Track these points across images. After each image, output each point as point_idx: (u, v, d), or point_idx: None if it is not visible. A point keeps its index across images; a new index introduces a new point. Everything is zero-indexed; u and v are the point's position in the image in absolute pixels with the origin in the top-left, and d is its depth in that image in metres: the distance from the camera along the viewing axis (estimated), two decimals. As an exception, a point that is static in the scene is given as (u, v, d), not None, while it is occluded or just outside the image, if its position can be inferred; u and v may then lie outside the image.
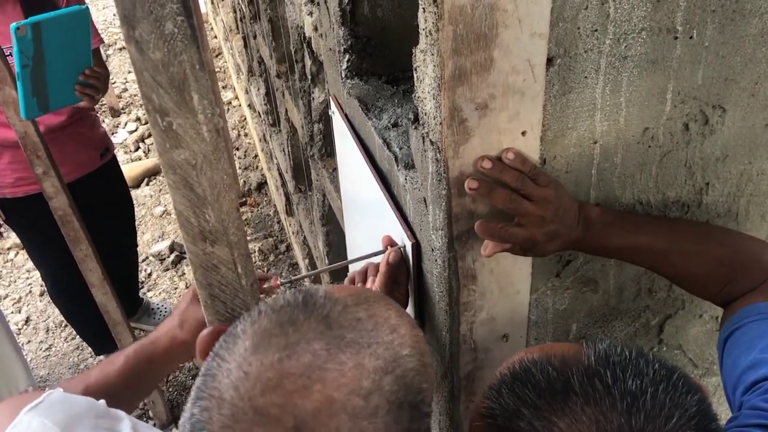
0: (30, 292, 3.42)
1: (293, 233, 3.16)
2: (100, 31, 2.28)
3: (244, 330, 0.62)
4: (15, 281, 3.50)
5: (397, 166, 1.02)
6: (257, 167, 4.15)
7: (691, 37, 0.84)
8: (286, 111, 2.41)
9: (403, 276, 1.03)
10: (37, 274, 3.25)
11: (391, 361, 0.60)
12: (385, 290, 0.98)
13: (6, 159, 2.18)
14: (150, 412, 2.67)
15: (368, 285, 1.01)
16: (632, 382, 0.56)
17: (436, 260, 0.94)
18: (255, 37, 2.91)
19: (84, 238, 2.07)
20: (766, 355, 0.78)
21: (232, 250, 0.77)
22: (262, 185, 4.00)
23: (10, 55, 1.95)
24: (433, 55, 0.76)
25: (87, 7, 1.80)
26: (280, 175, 3.09)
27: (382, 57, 1.25)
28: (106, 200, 2.43)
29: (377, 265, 1.02)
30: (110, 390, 0.97)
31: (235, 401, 0.57)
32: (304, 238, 2.75)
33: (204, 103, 0.66)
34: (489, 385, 0.64)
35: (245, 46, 3.45)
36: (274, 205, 3.77)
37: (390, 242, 1.03)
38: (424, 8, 0.75)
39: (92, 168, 2.37)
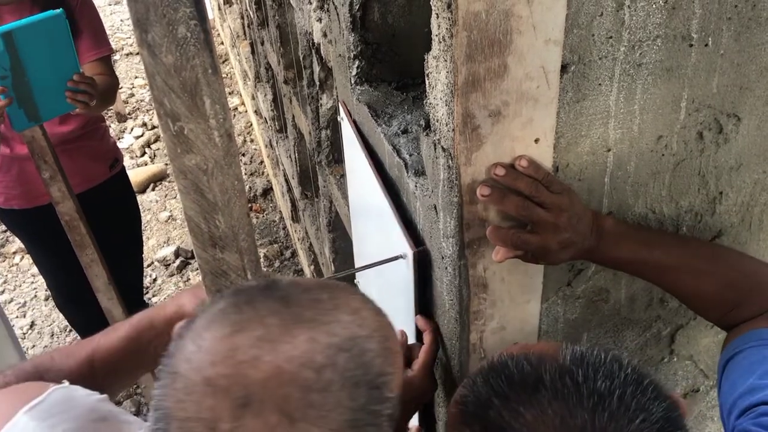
0: (35, 296, 3.41)
1: (299, 239, 3.16)
2: (107, 36, 2.26)
3: (203, 311, 0.63)
4: (20, 285, 3.50)
5: (407, 172, 1.01)
6: (263, 173, 4.15)
7: (706, 45, 0.83)
8: (293, 117, 2.40)
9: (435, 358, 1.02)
10: (42, 279, 3.25)
11: (348, 340, 0.60)
12: (429, 367, 0.98)
13: (15, 171, 2.17)
14: (142, 398, 2.69)
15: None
16: (602, 382, 0.58)
17: (446, 268, 0.93)
18: (263, 43, 2.91)
19: (90, 243, 2.07)
20: (763, 381, 0.78)
21: (242, 257, 0.76)
22: (267, 191, 4.00)
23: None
24: (446, 61, 0.75)
25: (62, 11, 1.72)
26: (286, 181, 3.09)
27: (391, 63, 1.24)
28: (113, 211, 2.41)
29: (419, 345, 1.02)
30: (113, 358, 0.98)
31: (187, 374, 0.58)
32: (310, 244, 2.74)
33: (216, 108, 0.66)
34: (468, 375, 0.67)
35: (252, 52, 3.45)
36: (280, 211, 3.77)
37: (423, 325, 1.02)
38: (437, 14, 0.75)
39: (101, 180, 2.34)
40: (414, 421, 1.20)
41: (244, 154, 4.34)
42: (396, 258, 1.03)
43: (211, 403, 0.56)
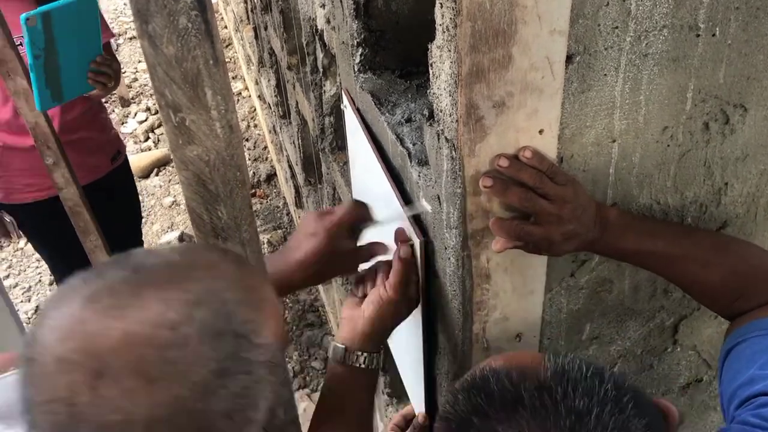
0: (40, 281, 3.43)
1: (302, 225, 3.15)
2: (109, 21, 2.26)
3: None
4: (25, 270, 3.51)
5: (411, 162, 1.01)
6: (267, 159, 4.15)
7: (713, 35, 0.82)
8: (297, 103, 2.39)
9: (414, 273, 1.02)
10: (46, 264, 3.26)
11: (204, 293, 0.61)
12: (400, 288, 0.97)
13: (16, 164, 2.16)
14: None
15: (378, 282, 1.00)
16: (580, 400, 0.58)
17: (449, 259, 0.92)
18: (266, 29, 2.89)
19: (94, 229, 2.07)
20: (764, 372, 0.78)
21: (244, 248, 0.76)
22: (271, 177, 3.99)
23: (21, 45, 1.94)
24: (449, 51, 0.74)
25: None
26: (290, 167, 3.09)
27: (395, 51, 1.23)
28: (114, 203, 2.40)
29: (388, 263, 1.01)
30: None
31: (39, 356, 0.58)
32: (314, 230, 2.74)
33: (217, 99, 0.65)
34: (451, 390, 0.66)
35: (256, 37, 3.44)
36: (284, 196, 3.77)
37: (404, 236, 1.02)
38: (441, 3, 0.74)
39: (102, 173, 2.34)
40: (421, 408, 1.21)
41: (247, 140, 4.33)
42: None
43: (66, 381, 0.56)
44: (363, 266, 1.08)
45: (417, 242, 0.98)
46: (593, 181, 0.90)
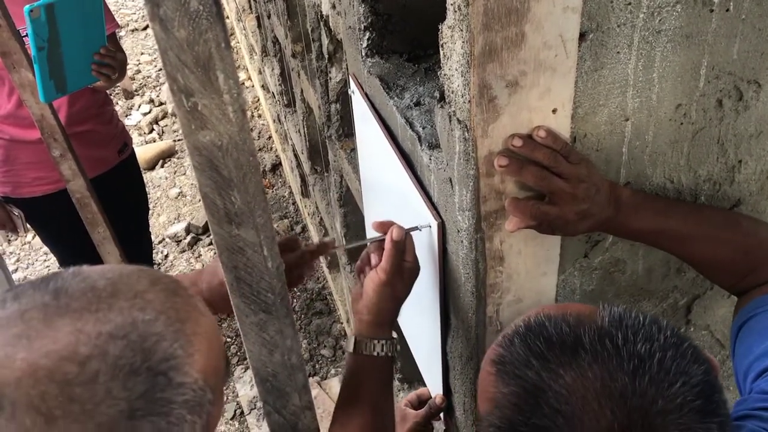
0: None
1: (309, 214, 3.16)
2: (112, 12, 2.24)
3: None
4: (33, 263, 3.52)
5: (421, 145, 1.00)
6: (271, 148, 4.14)
7: (727, 10, 0.81)
8: (302, 91, 2.38)
9: (411, 253, 1.01)
10: (54, 257, 3.27)
11: (123, 326, 0.57)
12: (392, 270, 0.97)
13: (24, 158, 2.15)
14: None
15: (373, 262, 1.00)
16: (642, 345, 0.58)
17: (462, 241, 0.92)
18: (269, 17, 2.88)
19: (102, 221, 2.07)
20: None
21: (258, 233, 0.75)
22: (276, 166, 3.99)
23: (26, 36, 1.94)
24: (462, 30, 0.74)
25: None
26: (295, 156, 3.08)
27: (403, 34, 1.22)
28: (121, 196, 2.39)
29: (380, 246, 1.00)
30: None
31: None
32: (321, 219, 2.74)
33: (230, 82, 0.65)
34: (503, 335, 0.65)
35: (259, 26, 3.42)
36: (289, 186, 3.76)
37: (384, 228, 1.00)
38: (452, -18, 0.73)
39: (110, 166, 2.33)
40: (438, 390, 1.21)
41: (252, 129, 4.33)
42: (416, 228, 1.02)
43: None
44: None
45: (434, 224, 0.98)
46: (606, 161, 0.89)
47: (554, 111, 0.79)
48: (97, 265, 0.66)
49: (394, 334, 1.01)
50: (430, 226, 1.00)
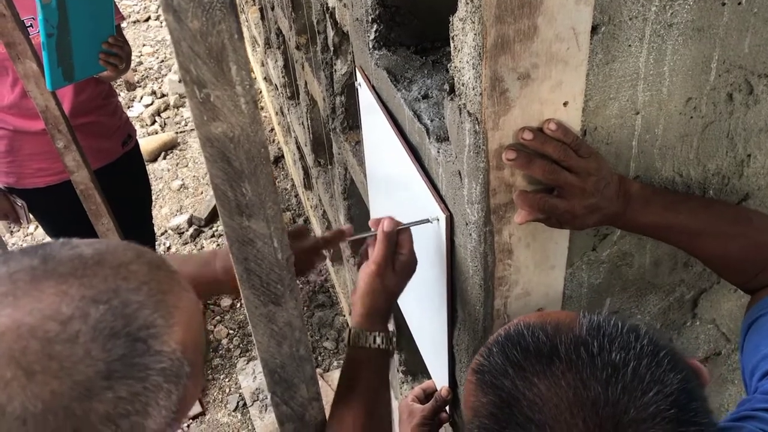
0: (50, 265, 3.44)
1: (311, 207, 3.15)
2: (117, 5, 2.24)
3: None
4: (35, 255, 3.52)
5: (429, 138, 1.00)
6: (273, 141, 4.14)
7: (739, 3, 0.81)
8: (306, 83, 2.38)
9: (407, 244, 1.01)
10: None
11: (106, 291, 0.60)
12: (383, 261, 0.97)
13: (27, 149, 2.15)
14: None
15: (369, 255, 1.00)
16: (617, 354, 0.58)
17: (470, 234, 0.92)
18: (273, 8, 2.87)
19: (105, 212, 2.07)
20: None
21: (268, 224, 0.75)
22: (278, 159, 3.99)
23: (31, 26, 1.93)
24: (473, 23, 0.73)
25: None
26: (298, 148, 3.07)
27: (410, 27, 1.22)
28: (125, 188, 2.39)
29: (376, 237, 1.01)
30: None
31: None
32: (324, 212, 2.74)
33: (242, 74, 0.65)
34: (486, 344, 0.66)
35: (262, 17, 3.41)
36: (292, 178, 3.76)
37: (376, 224, 1.01)
38: (464, -26, 0.73)
39: (113, 158, 2.32)
40: (444, 382, 1.21)
41: (254, 122, 4.31)
42: (424, 221, 1.01)
43: None
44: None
45: (442, 218, 0.98)
46: (616, 154, 0.89)
47: (565, 104, 0.79)
48: None
49: (391, 327, 1.01)
50: (438, 219, 1.00)
